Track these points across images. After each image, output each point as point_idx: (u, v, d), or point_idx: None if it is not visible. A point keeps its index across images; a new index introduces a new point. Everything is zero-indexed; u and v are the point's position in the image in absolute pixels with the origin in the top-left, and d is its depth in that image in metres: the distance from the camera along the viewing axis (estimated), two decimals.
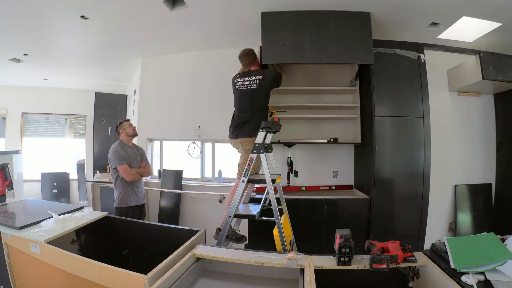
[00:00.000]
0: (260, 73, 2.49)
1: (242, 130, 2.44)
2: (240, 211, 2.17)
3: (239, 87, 2.52)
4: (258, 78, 2.44)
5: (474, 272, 1.08)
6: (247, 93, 2.47)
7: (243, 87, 2.49)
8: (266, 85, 2.45)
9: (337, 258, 1.23)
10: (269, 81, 2.47)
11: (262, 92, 2.46)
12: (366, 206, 2.85)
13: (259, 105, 2.46)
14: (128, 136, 2.85)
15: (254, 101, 2.46)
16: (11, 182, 2.23)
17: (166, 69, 3.97)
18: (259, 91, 2.44)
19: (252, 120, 2.42)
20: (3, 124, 5.43)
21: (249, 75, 2.49)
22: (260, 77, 2.44)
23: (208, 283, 1.31)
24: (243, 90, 2.49)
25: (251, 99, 2.46)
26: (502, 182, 3.30)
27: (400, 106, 2.90)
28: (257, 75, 2.46)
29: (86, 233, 1.86)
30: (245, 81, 2.48)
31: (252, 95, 2.46)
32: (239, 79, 2.54)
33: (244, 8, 2.66)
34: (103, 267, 1.18)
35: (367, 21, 2.63)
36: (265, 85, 2.45)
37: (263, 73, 2.49)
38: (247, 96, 2.48)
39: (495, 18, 2.64)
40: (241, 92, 2.51)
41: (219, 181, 3.72)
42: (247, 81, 2.48)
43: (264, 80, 2.44)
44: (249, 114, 2.45)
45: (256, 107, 2.45)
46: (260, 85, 2.43)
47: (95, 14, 2.74)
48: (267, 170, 2.00)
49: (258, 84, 2.43)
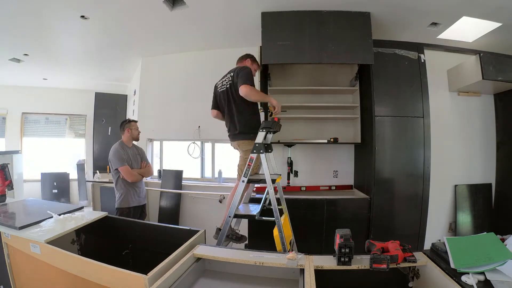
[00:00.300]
0: (234, 70, 2.29)
1: (234, 132, 2.29)
2: (240, 211, 2.17)
3: (219, 88, 2.37)
4: (230, 75, 2.25)
5: (474, 272, 1.08)
6: (224, 93, 2.30)
7: (223, 88, 2.32)
8: (235, 81, 2.20)
9: (337, 258, 1.23)
10: (238, 76, 2.18)
11: (235, 90, 2.22)
12: (366, 206, 2.85)
13: (238, 104, 2.24)
14: (130, 137, 2.86)
15: (232, 101, 2.25)
16: (11, 182, 2.22)
17: (166, 69, 3.97)
18: (232, 88, 2.23)
19: (241, 121, 2.24)
20: (3, 124, 5.43)
21: (226, 75, 2.33)
22: (232, 74, 2.24)
23: (208, 283, 1.31)
24: (222, 91, 2.32)
25: (229, 99, 2.27)
26: (502, 182, 3.30)
27: (400, 106, 2.90)
28: (231, 72, 2.28)
29: (86, 233, 1.86)
30: (223, 81, 2.33)
31: (228, 95, 2.27)
32: (219, 81, 2.39)
33: (244, 8, 2.66)
34: (103, 267, 1.17)
35: (367, 21, 2.63)
36: (236, 82, 2.18)
37: (236, 70, 2.27)
38: (225, 96, 2.30)
39: (495, 18, 2.64)
40: (221, 94, 2.33)
41: (219, 181, 3.72)
42: (221, 82, 2.35)
43: (235, 76, 2.21)
44: (233, 115, 2.27)
45: (236, 107, 2.25)
46: (233, 82, 2.22)
47: (95, 14, 2.74)
48: (267, 170, 2.00)
49: (230, 82, 2.24)
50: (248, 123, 2.24)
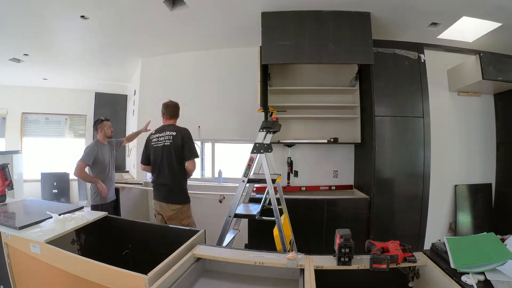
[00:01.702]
0: (175, 130, 2.32)
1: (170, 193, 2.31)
2: (240, 211, 2.17)
3: (154, 143, 2.32)
4: (172, 135, 2.28)
5: (474, 272, 1.08)
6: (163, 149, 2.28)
7: (159, 144, 2.30)
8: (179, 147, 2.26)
9: (337, 258, 1.23)
10: (183, 144, 2.27)
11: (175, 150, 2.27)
12: (366, 206, 2.85)
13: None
14: (104, 136, 2.94)
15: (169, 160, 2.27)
16: (11, 182, 2.22)
17: (166, 69, 3.97)
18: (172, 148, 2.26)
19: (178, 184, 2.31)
20: (3, 124, 5.42)
21: (166, 130, 2.33)
22: (175, 134, 2.28)
23: (208, 283, 1.31)
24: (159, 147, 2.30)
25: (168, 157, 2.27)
26: (502, 182, 3.30)
27: (400, 106, 2.90)
28: (171, 131, 2.30)
29: (86, 233, 1.86)
30: (161, 137, 2.31)
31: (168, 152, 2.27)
32: (156, 135, 2.35)
33: (244, 8, 2.66)
34: (103, 267, 1.17)
35: (367, 21, 2.63)
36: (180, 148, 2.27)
37: (181, 133, 2.30)
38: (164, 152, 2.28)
39: (495, 18, 2.64)
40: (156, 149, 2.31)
41: (219, 181, 3.72)
42: (163, 137, 2.31)
43: (178, 140, 2.26)
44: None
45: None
46: (174, 144, 2.26)
47: (95, 14, 2.74)
48: (267, 170, 2.00)
49: (170, 141, 2.27)
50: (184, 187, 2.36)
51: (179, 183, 2.32)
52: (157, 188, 2.36)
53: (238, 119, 3.61)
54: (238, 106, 3.62)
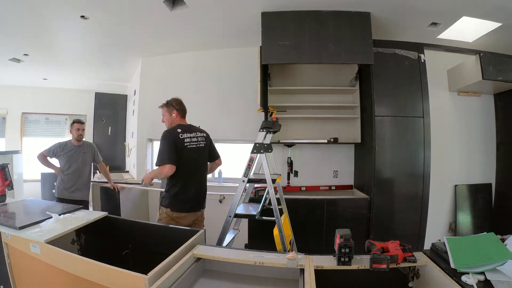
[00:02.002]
0: (202, 131, 2.23)
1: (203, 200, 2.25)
2: (240, 211, 2.17)
3: (188, 144, 2.08)
4: (203, 136, 2.21)
5: (474, 272, 1.08)
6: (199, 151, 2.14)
7: (193, 145, 2.11)
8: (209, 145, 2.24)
9: (337, 258, 1.23)
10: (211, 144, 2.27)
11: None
12: (366, 206, 2.85)
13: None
14: (73, 137, 3.05)
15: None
16: (11, 182, 2.22)
17: (166, 69, 3.97)
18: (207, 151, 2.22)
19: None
20: (3, 124, 5.42)
21: (195, 130, 2.17)
22: (205, 136, 2.22)
23: (208, 283, 1.31)
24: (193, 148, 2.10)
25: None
26: (502, 182, 3.31)
27: (400, 106, 2.90)
28: (202, 132, 2.22)
29: (86, 233, 1.86)
30: (193, 138, 2.13)
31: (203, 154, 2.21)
32: (186, 135, 2.10)
33: (244, 8, 2.66)
34: (103, 267, 1.17)
35: (367, 21, 2.63)
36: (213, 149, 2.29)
37: (207, 135, 2.25)
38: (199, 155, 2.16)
39: (495, 18, 2.64)
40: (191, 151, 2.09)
41: (219, 181, 3.72)
42: (195, 138, 2.14)
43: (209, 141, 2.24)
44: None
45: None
46: (207, 145, 2.21)
47: (95, 14, 2.74)
48: (267, 170, 2.00)
49: (204, 143, 2.19)
50: None
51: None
52: (194, 197, 2.10)
53: (238, 119, 3.62)
54: (238, 106, 3.63)
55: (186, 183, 2.03)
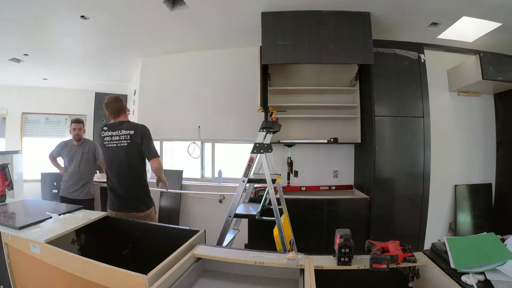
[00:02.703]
0: (130, 127, 2.09)
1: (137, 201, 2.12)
2: (240, 211, 2.17)
3: (107, 143, 2.07)
4: (129, 133, 2.07)
5: (474, 272, 1.08)
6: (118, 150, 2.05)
7: (112, 143, 2.06)
8: (138, 142, 2.06)
9: (337, 258, 1.23)
10: (143, 141, 2.07)
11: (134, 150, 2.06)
12: (366, 206, 2.85)
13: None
14: (72, 137, 3.12)
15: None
16: (11, 182, 2.22)
17: (166, 69, 3.97)
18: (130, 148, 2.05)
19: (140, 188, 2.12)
20: (3, 124, 5.41)
21: (122, 128, 2.09)
22: (133, 133, 2.06)
23: (208, 283, 1.31)
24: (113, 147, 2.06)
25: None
26: (502, 182, 3.30)
27: (400, 106, 2.90)
28: (128, 130, 2.07)
29: (86, 233, 1.86)
30: (115, 136, 2.07)
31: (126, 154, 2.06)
32: (108, 133, 2.09)
33: (244, 8, 2.66)
34: (103, 267, 1.17)
35: (367, 21, 2.63)
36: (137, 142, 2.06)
37: (138, 129, 2.09)
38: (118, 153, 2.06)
39: (495, 18, 2.64)
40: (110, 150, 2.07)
41: (219, 181, 3.72)
42: (117, 136, 2.07)
43: (137, 138, 2.05)
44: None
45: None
46: (132, 143, 2.05)
47: (95, 14, 2.74)
48: (267, 170, 2.00)
49: (129, 141, 2.05)
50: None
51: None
52: (120, 196, 2.09)
53: (238, 119, 3.62)
54: (238, 106, 3.62)
55: (111, 182, 2.14)
